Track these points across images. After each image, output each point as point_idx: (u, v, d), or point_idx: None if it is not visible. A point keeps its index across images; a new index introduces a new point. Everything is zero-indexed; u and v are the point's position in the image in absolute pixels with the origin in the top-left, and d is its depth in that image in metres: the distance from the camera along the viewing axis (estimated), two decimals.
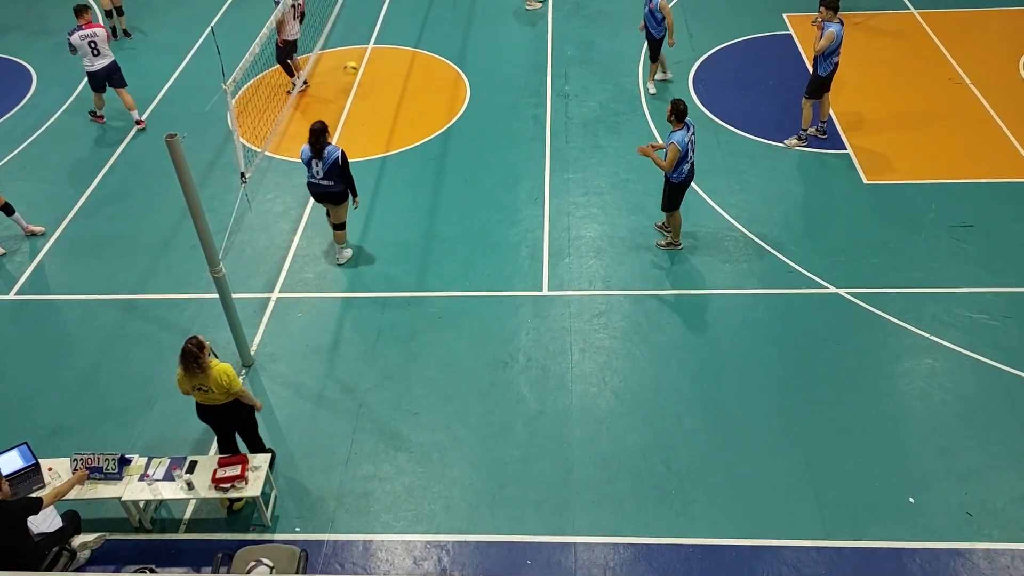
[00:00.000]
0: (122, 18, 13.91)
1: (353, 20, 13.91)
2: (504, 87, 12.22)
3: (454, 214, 9.87)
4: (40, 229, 9.87)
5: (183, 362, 6.20)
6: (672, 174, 8.53)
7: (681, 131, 8.34)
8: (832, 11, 9.79)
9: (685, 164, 8.49)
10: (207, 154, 11.00)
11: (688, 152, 8.43)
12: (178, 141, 6.48)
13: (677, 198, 8.81)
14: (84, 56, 11.08)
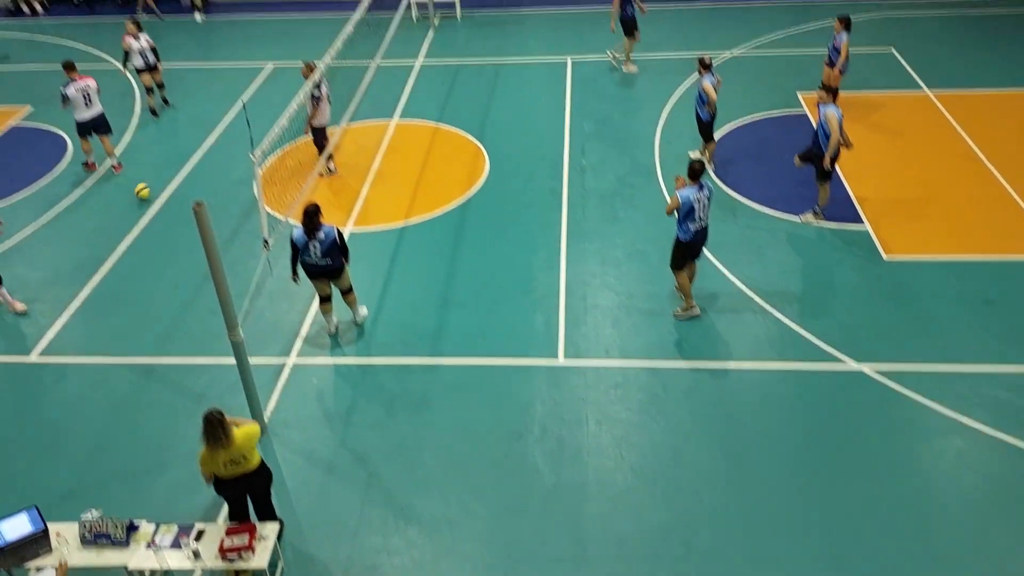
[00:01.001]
0: (162, 90, 14.44)
1: (379, 95, 14.31)
2: (522, 160, 12.44)
3: (470, 281, 9.92)
4: (22, 307, 9.85)
5: (208, 437, 6.02)
6: (678, 228, 8.66)
7: (691, 188, 8.46)
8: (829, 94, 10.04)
9: (692, 223, 8.56)
10: (232, 221, 11.20)
11: (696, 211, 8.50)
12: (205, 209, 6.62)
13: (680, 257, 8.87)
14: (76, 107, 11.83)
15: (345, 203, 11.62)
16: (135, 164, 12.92)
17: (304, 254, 8.54)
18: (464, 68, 15.59)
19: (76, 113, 12.02)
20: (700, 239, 8.81)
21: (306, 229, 8.38)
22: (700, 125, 11.58)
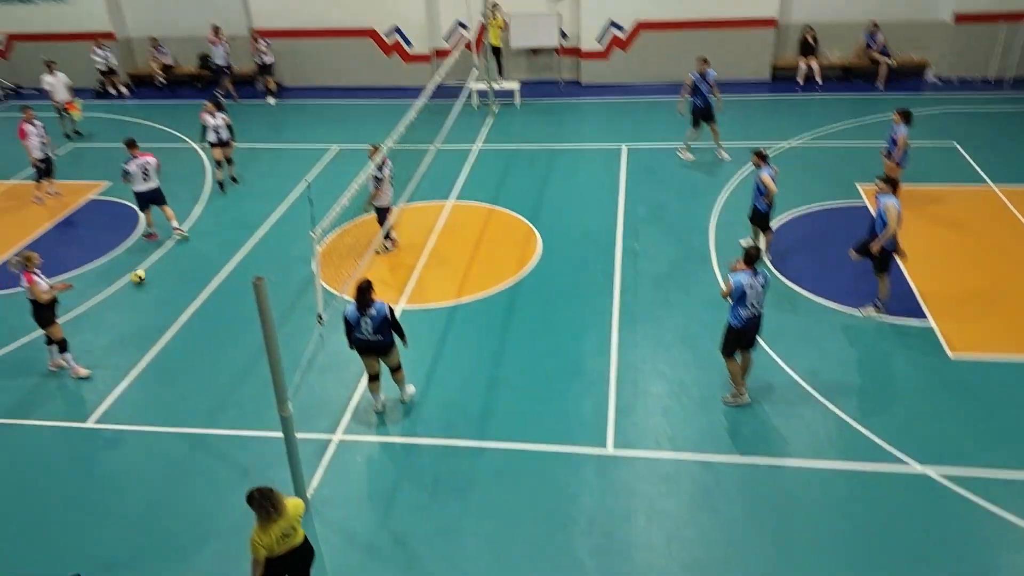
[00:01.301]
0: (231, 166, 15.07)
1: (438, 177, 14.67)
2: (575, 243, 12.51)
3: (519, 363, 9.86)
4: (85, 373, 10.16)
5: (260, 512, 5.97)
6: (730, 314, 8.54)
7: (745, 273, 8.37)
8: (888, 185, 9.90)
9: (744, 310, 8.44)
10: (289, 295, 11.44)
11: (749, 297, 8.38)
12: (264, 284, 6.78)
13: (731, 343, 8.71)
14: (135, 181, 12.70)
15: (399, 281, 11.79)
16: (202, 236, 13.41)
17: (356, 330, 8.63)
18: (520, 152, 15.94)
19: (134, 186, 12.80)
20: (752, 327, 8.64)
21: (358, 305, 8.50)
22: (757, 216, 11.52)
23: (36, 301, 9.67)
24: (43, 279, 9.72)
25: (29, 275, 9.56)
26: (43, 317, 9.80)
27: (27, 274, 9.56)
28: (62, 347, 10.02)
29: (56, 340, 9.98)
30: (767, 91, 18.47)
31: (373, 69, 20.00)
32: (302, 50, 19.93)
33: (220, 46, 19.11)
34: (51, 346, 10.11)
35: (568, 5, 19.06)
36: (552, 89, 19.45)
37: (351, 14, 19.45)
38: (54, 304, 9.86)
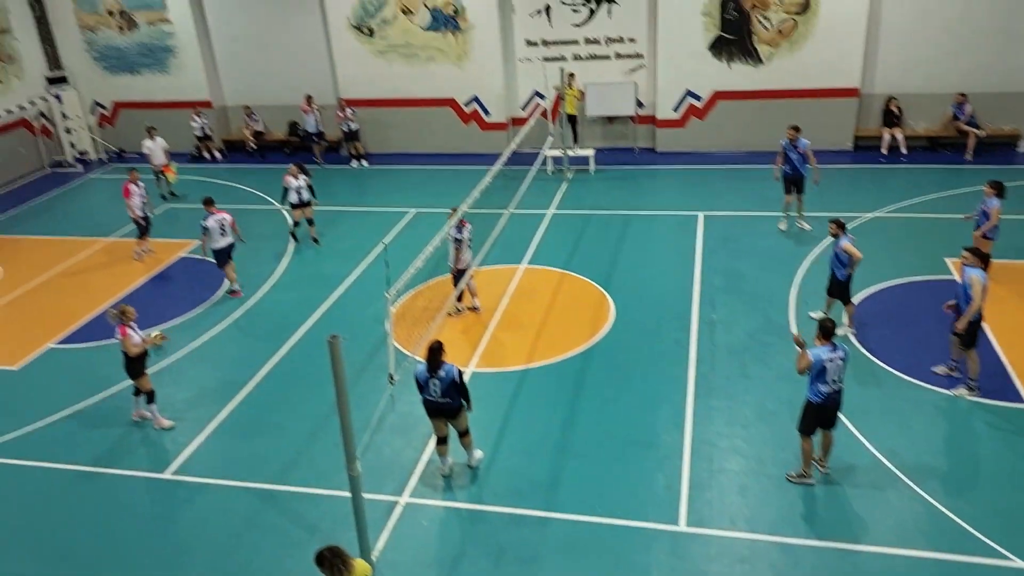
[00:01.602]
0: (312, 227, 15.59)
1: (511, 241, 14.82)
2: (649, 311, 12.35)
3: (590, 432, 9.68)
4: (168, 424, 10.45)
5: (330, 573, 5.92)
6: (810, 390, 8.22)
7: (824, 347, 8.08)
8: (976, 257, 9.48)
9: (824, 385, 8.12)
10: (362, 355, 11.60)
11: (828, 373, 8.08)
12: (338, 342, 6.90)
13: (809, 420, 8.36)
14: (212, 237, 13.30)
15: (470, 343, 11.83)
16: (282, 293, 13.84)
17: (424, 391, 8.66)
18: (594, 218, 16.00)
19: (212, 243, 13.39)
20: (833, 403, 8.30)
21: (428, 366, 8.54)
22: (836, 287, 11.18)
23: (127, 353, 10.07)
24: (137, 332, 10.14)
25: (123, 328, 9.99)
26: (133, 369, 10.19)
27: (122, 327, 10.00)
28: (149, 398, 10.38)
29: (144, 391, 10.35)
30: (849, 160, 18.14)
31: (452, 136, 20.57)
32: (385, 118, 20.68)
33: (312, 114, 20.02)
34: (138, 396, 10.48)
35: (644, 74, 19.31)
36: (627, 156, 19.58)
37: (432, 85, 20.16)
38: (144, 356, 10.25)
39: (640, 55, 19.17)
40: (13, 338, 12.97)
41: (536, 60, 19.60)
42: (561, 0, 18.96)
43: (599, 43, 19.21)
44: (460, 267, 12.13)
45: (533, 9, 19.19)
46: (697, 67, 18.66)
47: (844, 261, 10.89)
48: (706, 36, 18.41)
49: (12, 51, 20.97)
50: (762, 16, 18.00)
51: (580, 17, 19.06)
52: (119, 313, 10.07)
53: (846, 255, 10.83)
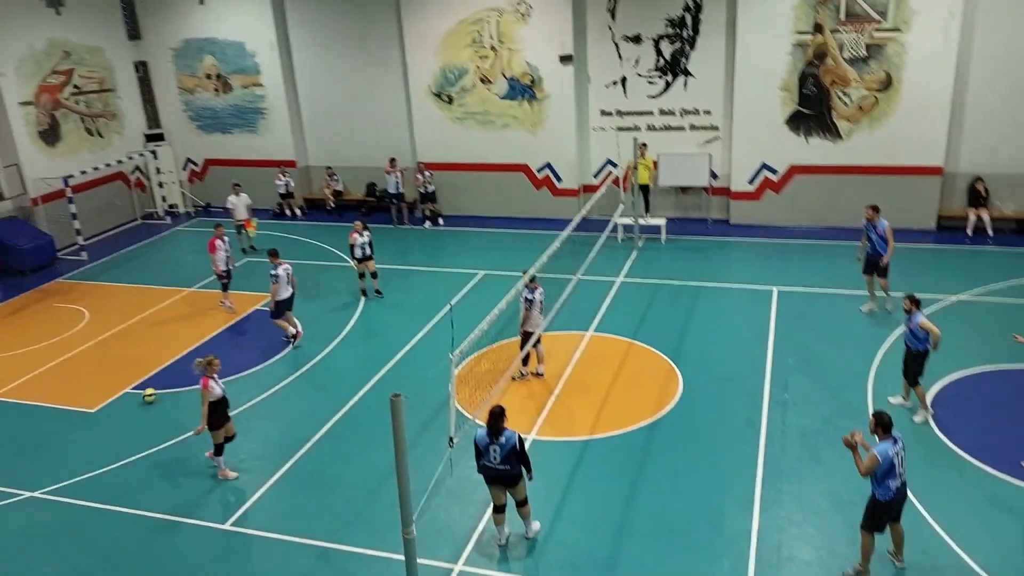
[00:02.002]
0: (375, 279, 16.02)
1: (578, 307, 14.73)
2: (718, 386, 12.01)
3: (652, 510, 9.34)
4: (233, 475, 10.58)
5: None
6: (877, 488, 7.78)
7: (887, 443, 7.68)
8: None
9: (894, 481, 7.71)
10: (424, 415, 11.57)
11: (896, 467, 7.67)
12: (400, 401, 6.89)
13: (879, 519, 7.89)
14: (281, 286, 13.89)
15: (533, 409, 11.68)
16: (349, 348, 14.03)
17: (484, 457, 8.54)
18: (664, 288, 15.80)
19: (280, 293, 13.88)
20: (901, 497, 7.89)
21: (489, 431, 8.44)
22: (910, 363, 10.70)
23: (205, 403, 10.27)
24: (218, 385, 10.34)
25: (206, 380, 10.23)
26: (211, 420, 10.36)
27: (205, 379, 10.24)
28: (218, 450, 10.52)
29: (216, 443, 10.49)
30: (932, 241, 17.55)
31: (523, 201, 20.82)
32: (459, 181, 21.12)
33: (394, 176, 20.60)
34: (219, 457, 10.63)
35: (719, 146, 19.26)
36: (700, 227, 19.41)
37: (507, 151, 20.55)
38: (224, 406, 10.42)
39: (715, 127, 19.17)
40: (93, 381, 13.45)
41: (610, 129, 19.81)
42: (637, 72, 19.21)
43: (674, 114, 19.31)
44: (528, 329, 12.08)
45: (609, 80, 19.48)
46: (774, 141, 18.53)
47: (920, 337, 10.46)
48: (784, 110, 18.31)
49: (116, 109, 22.37)
50: (842, 92, 17.83)
51: (656, 89, 19.25)
52: (205, 364, 10.30)
53: (923, 331, 10.39)
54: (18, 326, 16.02)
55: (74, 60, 20.97)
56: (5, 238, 18.57)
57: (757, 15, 17.74)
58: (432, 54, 20.31)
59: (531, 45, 19.51)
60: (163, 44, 22.71)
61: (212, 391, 10.21)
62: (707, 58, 18.65)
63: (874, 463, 7.66)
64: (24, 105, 19.64)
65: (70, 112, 20.97)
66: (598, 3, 18.94)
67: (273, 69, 21.87)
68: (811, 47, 17.71)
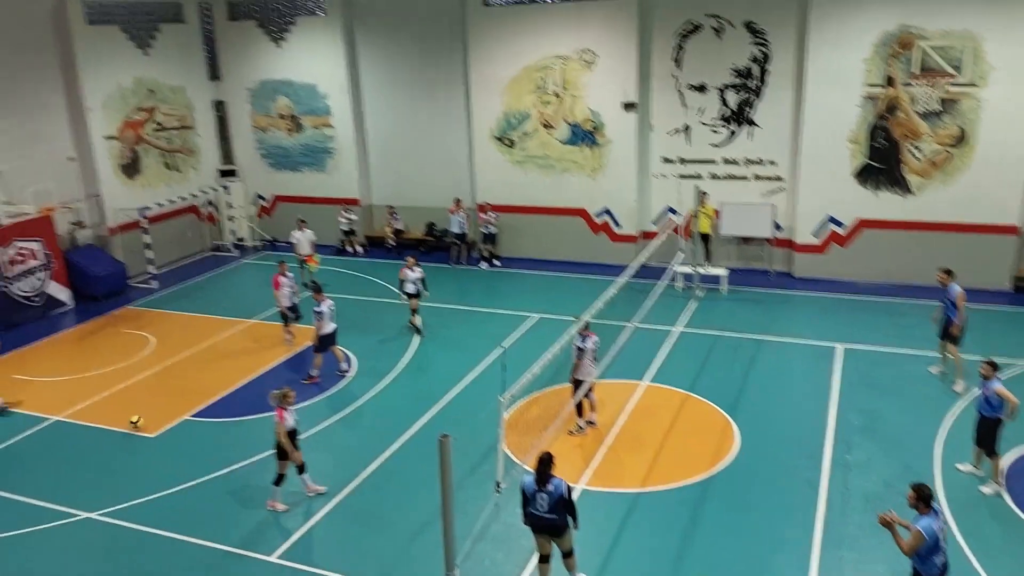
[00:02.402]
0: (413, 316, 16.28)
1: (633, 356, 14.51)
2: (777, 444, 11.63)
3: (703, 569, 9.01)
4: (322, 488, 10.79)
5: None
6: (922, 566, 7.41)
7: (929, 517, 7.34)
8: None
9: (939, 557, 7.36)
10: (472, 458, 11.48)
11: (940, 543, 7.32)
12: (449, 442, 6.85)
13: None
14: (326, 321, 14.13)
15: (583, 458, 11.48)
16: (401, 386, 14.10)
17: (531, 504, 8.38)
18: (723, 340, 15.47)
19: (324, 328, 14.14)
20: (947, 571, 7.51)
21: (537, 478, 8.30)
22: (984, 431, 10.18)
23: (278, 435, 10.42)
24: (291, 416, 10.50)
25: (281, 411, 10.40)
26: (281, 452, 10.51)
27: (280, 409, 10.41)
28: (277, 481, 10.64)
29: (280, 472, 10.62)
30: (1007, 302, 16.83)
31: (581, 245, 20.80)
32: (517, 223, 21.25)
33: (458, 216, 20.87)
34: (303, 475, 10.76)
35: (784, 197, 18.96)
36: (761, 279, 19.03)
37: (566, 195, 20.62)
38: (293, 437, 10.55)
39: (780, 178, 18.90)
40: (154, 407, 13.78)
41: (671, 177, 19.72)
42: (701, 120, 19.15)
43: (738, 164, 19.14)
44: (580, 377, 11.93)
45: (672, 128, 19.46)
46: (841, 193, 18.15)
47: (995, 405, 9.97)
48: (852, 163, 17.96)
49: (193, 145, 23.30)
50: (913, 146, 17.42)
51: (719, 137, 19.14)
52: (280, 396, 10.48)
53: (998, 399, 9.90)
54: (88, 350, 16.59)
55: (158, 98, 21.99)
56: (82, 264, 19.37)
57: (826, 67, 17.55)
58: (496, 99, 20.66)
59: (594, 92, 19.67)
60: (241, 84, 23.66)
61: (286, 422, 10.37)
62: (773, 108, 18.50)
63: (919, 541, 7.28)
64: (109, 139, 20.61)
65: (151, 147, 21.93)
66: (663, 52, 19.03)
67: (343, 111, 22.53)
68: (882, 100, 17.40)
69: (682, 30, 18.74)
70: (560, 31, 19.56)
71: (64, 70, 19.64)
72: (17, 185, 18.03)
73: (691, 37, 18.72)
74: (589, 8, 19.19)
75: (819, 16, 17.33)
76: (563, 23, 19.50)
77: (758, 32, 18.17)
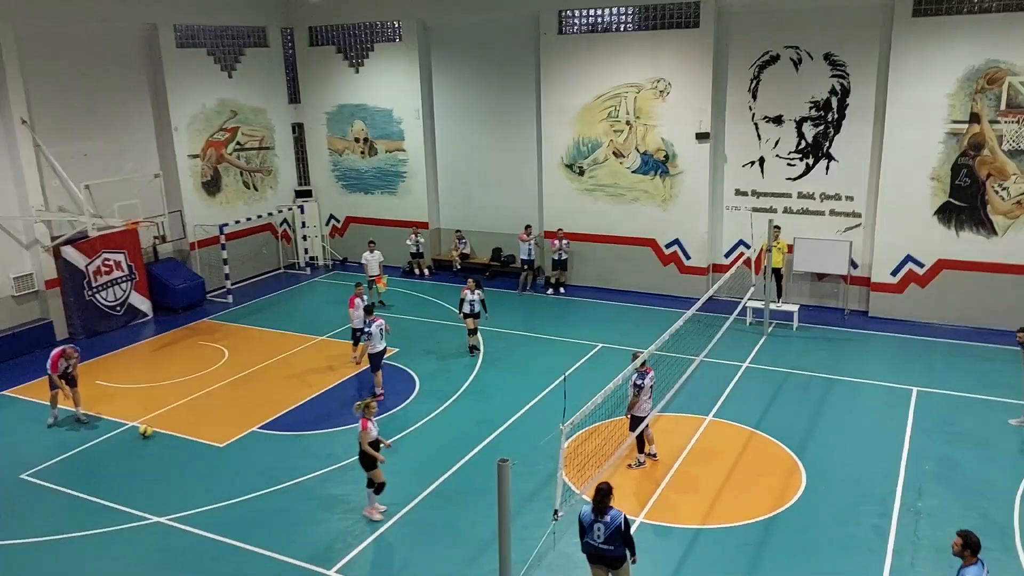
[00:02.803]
0: (471, 337, 16.40)
1: (699, 390, 14.27)
2: (845, 487, 11.24)
3: None
4: (380, 513, 10.89)
5: None
6: None
7: (975, 566, 7.13)
8: None
9: None
10: (531, 484, 11.44)
11: None
12: (508, 467, 6.84)
13: None
14: (375, 340, 14.38)
15: (641, 491, 11.31)
16: (464, 408, 14.17)
17: (588, 535, 8.30)
18: (793, 378, 15.08)
19: (372, 347, 14.41)
20: None
21: (595, 507, 8.22)
22: None
23: (362, 445, 10.71)
24: (374, 427, 10.80)
25: (365, 421, 10.72)
26: (366, 461, 10.77)
27: (364, 420, 10.73)
28: (378, 490, 10.88)
29: (376, 483, 10.84)
30: None
31: (649, 276, 20.62)
32: (584, 251, 21.23)
33: (528, 243, 21.00)
34: (369, 489, 10.95)
35: (860, 234, 18.46)
36: (835, 317, 18.51)
37: (635, 225, 20.53)
38: (375, 447, 10.80)
39: (858, 214, 18.43)
40: (225, 418, 14.19)
41: (744, 209, 19.44)
42: (776, 153, 18.87)
43: (813, 198, 18.75)
44: (637, 414, 11.76)
45: (746, 160, 19.22)
46: (921, 232, 17.58)
47: None
48: (933, 201, 17.39)
49: (272, 166, 24.13)
50: (999, 185, 16.78)
51: (795, 171, 18.80)
52: (363, 406, 10.83)
53: None
54: (164, 360, 17.22)
55: (240, 119, 22.88)
56: (162, 277, 20.18)
57: (909, 102, 17.10)
58: (567, 126, 20.78)
59: (667, 121, 19.60)
60: (319, 108, 24.42)
61: (369, 432, 10.66)
62: (852, 143, 18.10)
63: None
64: (192, 158, 21.52)
65: (231, 166, 22.80)
66: (740, 83, 18.87)
67: (416, 136, 23.01)
68: (966, 137, 16.84)
69: (760, 61, 18.57)
70: (634, 59, 19.61)
71: (153, 91, 20.65)
72: (105, 200, 18.94)
73: (768, 68, 18.52)
74: (664, 37, 19.21)
75: (902, 50, 16.95)
76: (637, 52, 19.56)
77: (838, 64, 17.86)
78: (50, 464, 12.67)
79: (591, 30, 20.14)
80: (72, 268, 18.30)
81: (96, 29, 19.12)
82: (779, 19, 18.18)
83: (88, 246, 18.49)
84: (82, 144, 19.01)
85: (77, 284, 18.34)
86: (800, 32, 18.03)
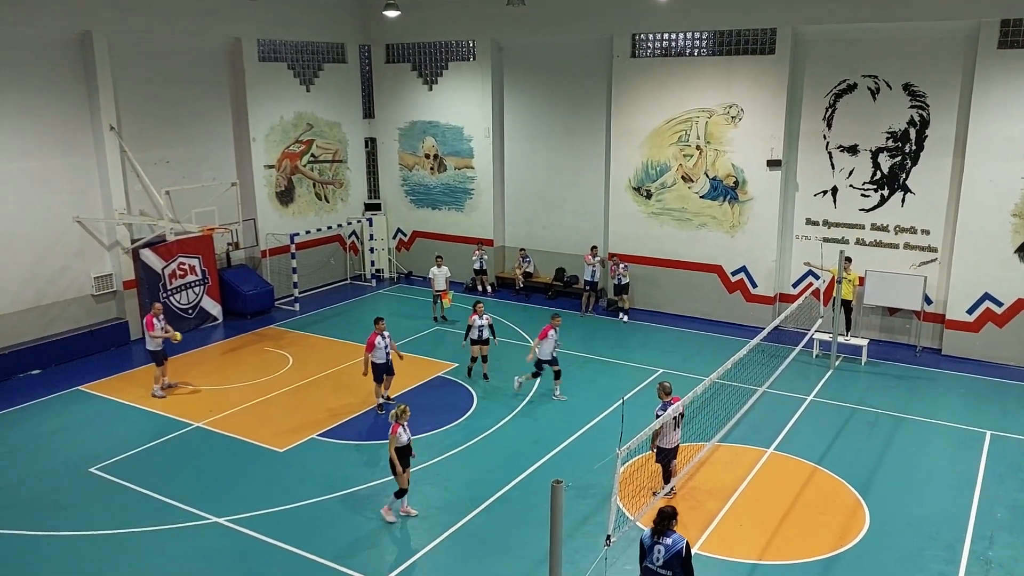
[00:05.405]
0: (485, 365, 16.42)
1: (761, 422, 13.95)
2: (910, 530, 10.81)
3: None
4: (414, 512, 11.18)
5: None
6: None
7: None
8: None
9: None
10: (584, 508, 11.34)
11: None
12: (561, 489, 6.81)
13: None
14: (378, 352, 14.63)
15: (698, 521, 11.08)
16: (521, 427, 14.14)
17: (647, 558, 8.19)
18: (859, 414, 14.61)
19: (375, 357, 14.67)
20: None
21: (656, 528, 8.11)
22: None
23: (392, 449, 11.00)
24: (405, 432, 11.05)
25: (396, 426, 11.01)
26: (394, 465, 11.03)
27: (395, 425, 11.02)
28: (398, 494, 11.13)
29: (401, 487, 11.12)
30: None
31: (714, 303, 20.32)
32: (648, 275, 21.06)
33: (592, 265, 20.95)
34: (400, 500, 11.21)
35: (936, 269, 17.85)
36: (906, 353, 17.89)
37: (701, 251, 20.28)
38: (406, 454, 11.05)
39: (934, 249, 17.83)
40: (286, 424, 14.49)
41: (814, 239, 19.02)
42: (850, 183, 18.43)
43: (887, 231, 18.23)
44: (660, 445, 11.51)
45: (819, 189, 18.82)
46: (1001, 270, 16.90)
47: None
48: (1015, 239, 16.70)
49: (344, 179, 24.70)
50: None
51: (869, 202, 18.32)
52: (400, 411, 11.15)
53: None
54: (232, 363, 17.71)
55: (315, 132, 23.53)
56: (234, 283, 20.81)
57: (991, 135, 16.52)
58: (636, 149, 20.72)
59: (738, 147, 19.36)
60: (392, 123, 24.93)
61: (399, 437, 10.90)
62: (930, 175, 17.56)
63: None
64: (268, 168, 22.20)
65: (305, 178, 23.43)
66: (814, 111, 18.53)
67: (485, 154, 23.26)
68: None
69: (836, 89, 18.21)
70: (706, 84, 19.46)
71: (234, 102, 21.41)
72: (184, 206, 19.67)
73: (845, 96, 18.15)
74: (738, 63, 19.02)
75: (985, 82, 16.40)
76: (711, 77, 19.41)
77: (918, 95, 17.38)
78: (118, 459, 13.13)
79: (664, 54, 20.08)
80: (149, 270, 19.04)
81: (183, 42, 19.96)
82: (857, 48, 17.82)
83: (165, 250, 19.22)
84: (164, 151, 19.83)
85: (153, 286, 19.06)
86: (879, 61, 17.63)
